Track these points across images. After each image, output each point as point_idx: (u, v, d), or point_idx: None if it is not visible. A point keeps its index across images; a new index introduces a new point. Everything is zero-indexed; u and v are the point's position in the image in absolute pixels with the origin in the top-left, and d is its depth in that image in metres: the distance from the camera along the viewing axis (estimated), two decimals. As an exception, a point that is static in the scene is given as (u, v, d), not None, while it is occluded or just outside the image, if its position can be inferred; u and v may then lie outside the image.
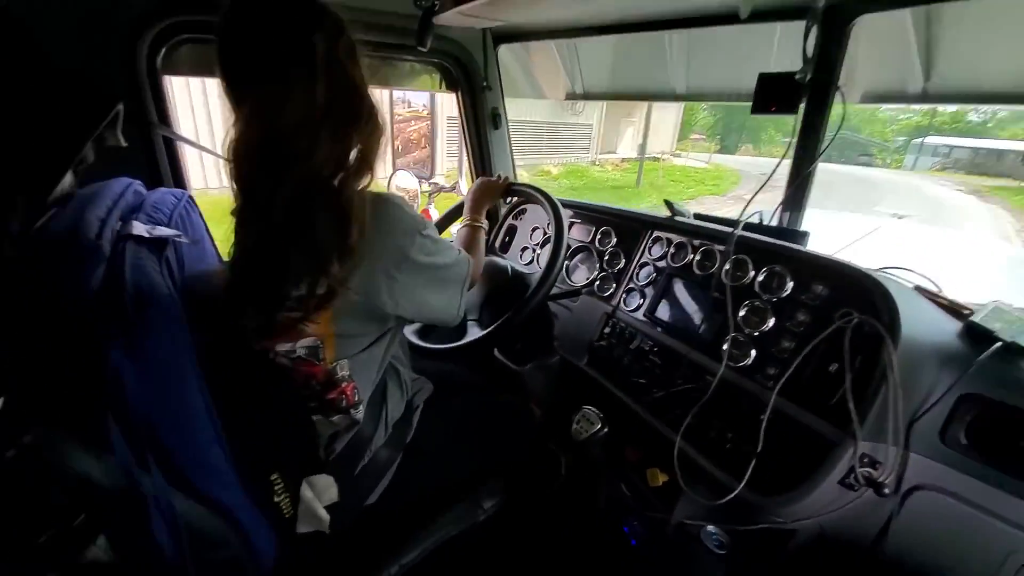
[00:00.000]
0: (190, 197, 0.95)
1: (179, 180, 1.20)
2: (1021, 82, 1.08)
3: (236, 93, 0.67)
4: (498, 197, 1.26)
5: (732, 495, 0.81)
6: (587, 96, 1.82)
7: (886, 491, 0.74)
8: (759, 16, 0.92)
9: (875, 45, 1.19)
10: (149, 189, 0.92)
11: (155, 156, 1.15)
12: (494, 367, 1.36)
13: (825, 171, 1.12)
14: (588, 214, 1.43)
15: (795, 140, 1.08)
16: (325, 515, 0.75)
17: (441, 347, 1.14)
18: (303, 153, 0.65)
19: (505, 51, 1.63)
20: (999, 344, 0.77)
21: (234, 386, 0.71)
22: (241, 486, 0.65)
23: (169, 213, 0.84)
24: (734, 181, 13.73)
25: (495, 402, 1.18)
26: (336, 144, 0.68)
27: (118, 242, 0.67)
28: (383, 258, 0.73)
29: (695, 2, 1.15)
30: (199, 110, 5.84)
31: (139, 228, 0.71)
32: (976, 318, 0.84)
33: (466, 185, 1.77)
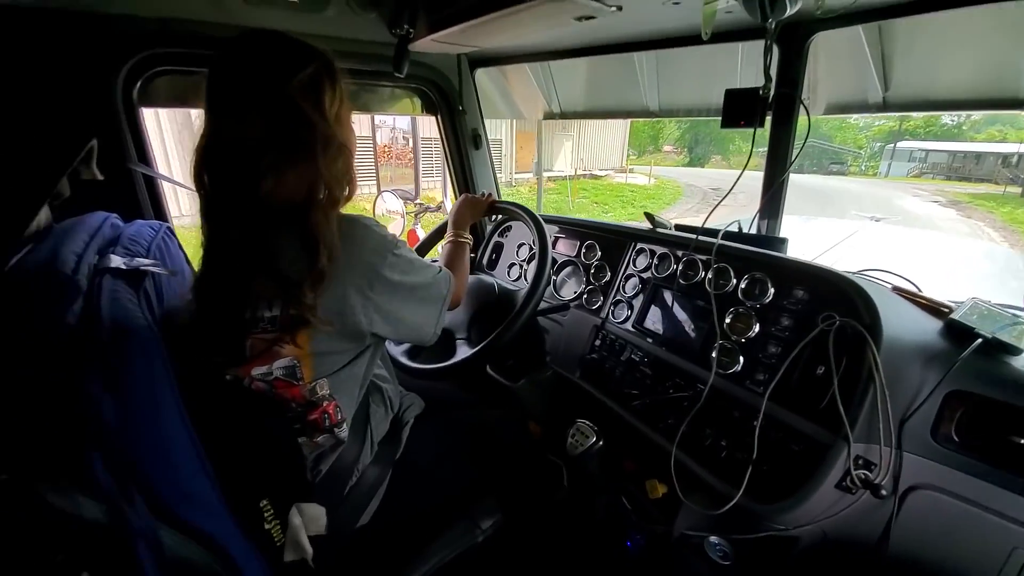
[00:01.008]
0: (169, 228, 0.95)
1: (159, 212, 1.19)
2: (972, 89, 1.14)
3: (204, 114, 0.70)
4: (481, 214, 1.27)
5: (731, 504, 0.80)
6: (564, 115, 1.87)
7: (883, 492, 0.73)
8: (721, 37, 0.96)
9: (835, 59, 1.25)
10: (127, 222, 0.91)
11: (134, 188, 1.14)
12: (487, 385, 1.34)
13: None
14: (572, 229, 1.45)
15: (750, 151, 1.06)
16: (308, 547, 0.72)
17: (431, 367, 1.13)
18: (243, 182, 0.67)
19: (482, 74, 1.68)
20: (980, 340, 0.78)
21: (215, 415, 0.69)
22: (230, 515, 0.62)
23: (147, 245, 0.85)
24: (670, 200, 12.67)
25: (488, 416, 1.16)
26: (286, 175, 0.68)
27: (95, 276, 0.66)
28: (355, 278, 0.74)
29: (659, 25, 1.20)
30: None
31: (116, 261, 0.72)
32: (956, 316, 0.85)
33: (451, 205, 1.78)
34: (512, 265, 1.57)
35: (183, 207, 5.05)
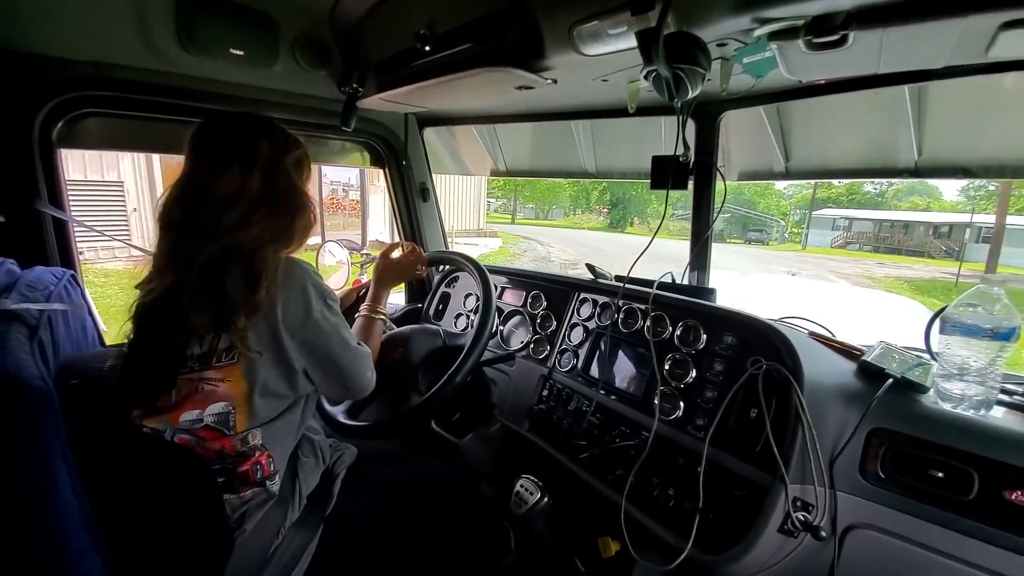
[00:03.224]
0: (72, 276, 0.87)
1: (67, 258, 1.08)
2: (860, 159, 1.32)
3: (190, 160, 0.78)
4: (408, 278, 1.20)
5: (681, 557, 0.77)
6: (510, 173, 1.96)
7: (823, 534, 0.74)
8: (645, 111, 1.09)
9: (743, 134, 1.43)
10: (28, 267, 0.83)
11: (41, 232, 1.04)
12: (431, 441, 1.26)
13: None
14: (519, 279, 1.48)
15: (662, 219, 1.06)
16: None
17: (368, 424, 1.05)
18: (232, 225, 0.74)
19: (431, 132, 1.75)
20: (891, 380, 0.84)
21: (120, 479, 0.64)
22: None
23: (47, 293, 0.77)
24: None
25: (428, 470, 1.09)
26: (271, 225, 0.78)
27: None
28: (288, 314, 0.76)
29: (591, 98, 1.33)
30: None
31: (9, 306, 0.65)
32: (868, 358, 0.92)
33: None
34: (459, 315, 1.55)
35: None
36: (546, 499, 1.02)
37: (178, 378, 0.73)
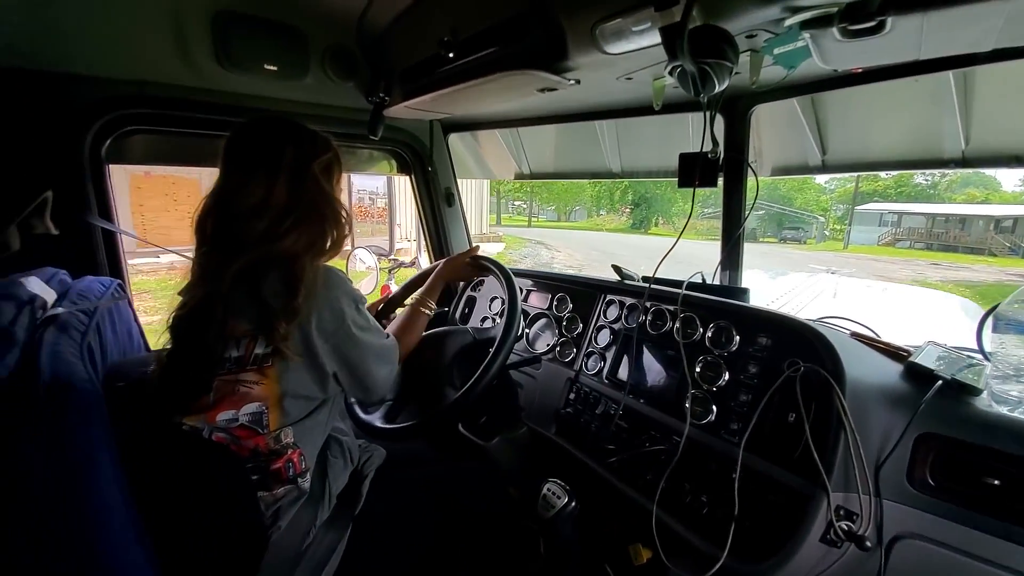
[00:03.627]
0: (120, 285, 0.92)
1: (116, 269, 1.15)
2: (902, 151, 1.26)
3: (221, 170, 0.80)
4: (461, 276, 1.24)
5: (717, 566, 0.75)
6: (535, 176, 1.97)
7: (868, 544, 0.70)
8: (671, 108, 1.07)
9: (776, 127, 1.38)
10: (78, 277, 0.89)
11: (91, 244, 1.11)
12: (458, 444, 1.27)
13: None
14: (544, 282, 1.47)
15: (688, 218, 1.06)
16: None
17: (395, 427, 1.06)
18: (261, 236, 0.76)
19: (456, 137, 1.77)
20: (940, 382, 0.79)
21: (162, 476, 0.66)
22: None
23: (95, 301, 0.82)
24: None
25: (456, 471, 1.09)
26: (303, 236, 0.79)
27: (36, 329, 0.65)
28: (322, 320, 0.78)
29: (616, 97, 1.31)
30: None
31: (60, 313, 0.70)
32: (915, 359, 0.87)
33: (425, 260, 1.81)
34: (485, 319, 1.56)
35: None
36: (574, 503, 1.01)
37: (216, 379, 0.75)
